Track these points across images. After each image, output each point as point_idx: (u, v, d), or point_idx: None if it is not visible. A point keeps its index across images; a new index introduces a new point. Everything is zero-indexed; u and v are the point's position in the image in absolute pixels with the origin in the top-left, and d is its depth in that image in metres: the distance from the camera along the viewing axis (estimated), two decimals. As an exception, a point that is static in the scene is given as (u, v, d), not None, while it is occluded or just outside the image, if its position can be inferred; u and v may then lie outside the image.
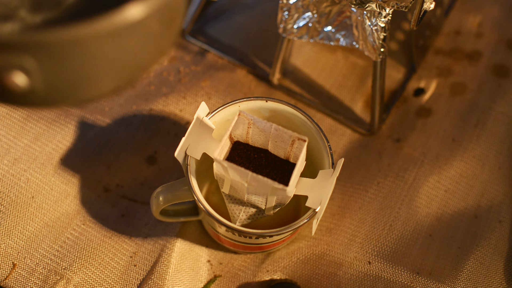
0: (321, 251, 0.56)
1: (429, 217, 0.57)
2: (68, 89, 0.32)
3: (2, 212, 0.55)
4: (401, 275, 0.55)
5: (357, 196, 0.59)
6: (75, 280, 0.53)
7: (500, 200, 0.58)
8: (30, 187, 0.56)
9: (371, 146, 0.61)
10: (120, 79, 0.33)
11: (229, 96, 0.63)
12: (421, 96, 0.64)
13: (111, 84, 0.33)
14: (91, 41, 0.29)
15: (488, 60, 0.66)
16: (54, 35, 0.28)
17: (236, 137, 0.48)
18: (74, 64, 0.30)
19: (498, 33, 0.68)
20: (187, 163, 0.48)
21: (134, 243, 0.56)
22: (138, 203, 0.58)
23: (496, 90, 0.64)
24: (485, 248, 0.56)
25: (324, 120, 0.63)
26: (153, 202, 0.50)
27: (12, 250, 0.54)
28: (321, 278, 0.55)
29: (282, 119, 0.52)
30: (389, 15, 0.51)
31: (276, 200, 0.46)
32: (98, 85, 0.32)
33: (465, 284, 0.54)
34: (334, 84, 0.65)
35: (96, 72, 0.32)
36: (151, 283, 0.54)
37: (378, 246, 0.56)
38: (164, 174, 0.59)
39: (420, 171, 0.59)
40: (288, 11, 0.56)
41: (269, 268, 0.56)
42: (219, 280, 0.56)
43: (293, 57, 0.66)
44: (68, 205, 0.57)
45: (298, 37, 0.58)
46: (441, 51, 0.67)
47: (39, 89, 0.31)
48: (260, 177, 0.43)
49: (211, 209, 0.47)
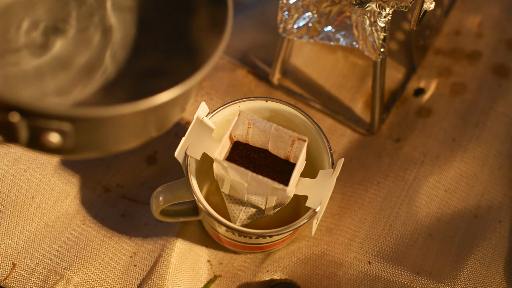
0: (321, 251, 0.56)
1: (429, 217, 0.57)
2: (95, 147, 0.36)
3: (2, 212, 0.55)
4: (401, 275, 0.55)
5: (357, 196, 0.59)
6: (75, 280, 0.53)
7: (500, 200, 0.58)
8: (30, 187, 0.56)
9: (371, 146, 0.61)
10: (143, 139, 0.38)
11: (229, 96, 0.63)
12: (421, 96, 0.64)
13: (135, 143, 0.38)
14: (127, 116, 0.34)
15: (488, 60, 0.66)
16: (100, 112, 0.32)
17: (236, 137, 0.48)
18: (106, 130, 0.35)
19: (498, 33, 0.68)
20: (187, 163, 0.48)
21: (134, 243, 0.56)
22: (138, 203, 0.58)
23: (496, 90, 0.64)
24: (485, 248, 0.56)
25: (324, 120, 0.63)
26: (153, 202, 0.50)
27: (12, 250, 0.54)
28: (321, 278, 0.55)
29: (282, 119, 0.52)
30: (389, 15, 0.51)
31: (276, 200, 0.46)
32: (123, 145, 0.37)
33: (465, 284, 0.54)
34: (334, 84, 0.65)
35: (124, 135, 0.36)
36: (151, 283, 0.54)
37: (378, 246, 0.56)
38: (164, 174, 0.59)
39: (420, 171, 0.59)
40: (288, 11, 0.56)
41: (269, 268, 0.56)
42: (219, 280, 0.56)
43: (293, 57, 0.66)
44: (68, 205, 0.57)
45: (298, 37, 0.58)
46: (441, 51, 0.67)
47: (69, 146, 0.34)
48: (260, 177, 0.43)
49: (211, 209, 0.47)
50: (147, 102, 0.33)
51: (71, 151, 0.36)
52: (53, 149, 0.34)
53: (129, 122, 0.35)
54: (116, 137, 0.36)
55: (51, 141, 0.33)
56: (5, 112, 0.32)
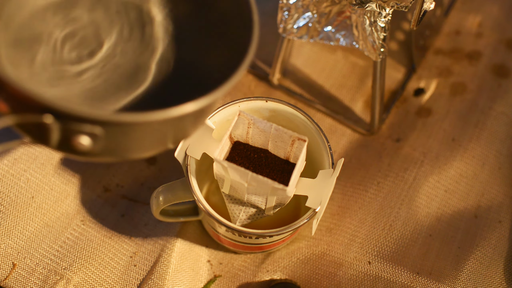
0: (321, 251, 0.56)
1: (429, 217, 0.57)
2: (120, 152, 0.38)
3: (2, 212, 0.55)
4: (401, 275, 0.55)
5: (357, 196, 0.59)
6: (75, 280, 0.53)
7: (500, 200, 0.58)
8: (30, 187, 0.56)
9: (371, 146, 0.61)
10: (163, 147, 0.39)
11: (229, 96, 0.63)
12: (421, 96, 0.64)
13: (153, 152, 0.39)
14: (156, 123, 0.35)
15: (488, 60, 0.66)
16: (134, 118, 0.34)
17: (236, 137, 0.48)
18: (134, 136, 0.36)
19: (498, 33, 0.68)
20: (187, 163, 0.48)
21: (134, 243, 0.56)
22: (138, 203, 0.58)
23: (496, 90, 0.64)
24: (485, 248, 0.56)
25: (324, 120, 0.63)
26: (153, 202, 0.50)
27: (12, 250, 0.54)
28: (321, 278, 0.55)
29: (282, 119, 0.52)
30: (389, 15, 0.51)
31: (276, 200, 0.46)
32: (143, 152, 0.39)
33: (465, 284, 0.54)
34: (334, 84, 0.65)
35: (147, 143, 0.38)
36: (151, 283, 0.54)
37: (378, 246, 0.56)
38: (164, 174, 0.59)
39: (420, 171, 0.59)
40: (288, 11, 0.56)
41: (269, 268, 0.56)
42: (219, 280, 0.56)
43: (293, 57, 0.66)
44: (68, 205, 0.57)
45: (298, 37, 0.58)
46: (441, 51, 0.67)
47: (97, 150, 0.35)
48: (260, 177, 0.43)
49: (211, 209, 0.47)
50: (176, 110, 0.34)
51: (97, 155, 0.36)
52: (82, 152, 0.35)
53: (156, 130, 0.37)
54: (140, 144, 0.38)
55: (82, 144, 0.34)
56: (39, 114, 0.32)
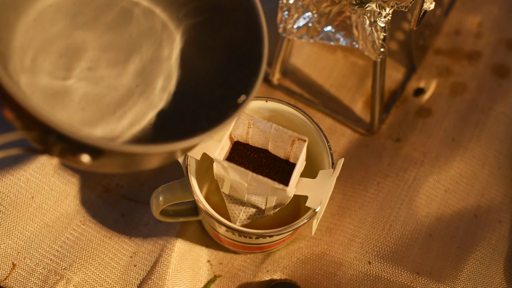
0: (321, 251, 0.56)
1: (429, 217, 0.57)
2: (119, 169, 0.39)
3: (2, 212, 0.55)
4: (401, 275, 0.55)
5: (357, 196, 0.59)
6: (75, 280, 0.53)
7: (500, 200, 0.58)
8: (30, 187, 0.56)
9: (371, 146, 0.61)
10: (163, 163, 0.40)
11: (229, 96, 0.63)
12: (421, 96, 0.64)
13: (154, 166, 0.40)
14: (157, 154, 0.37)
15: (488, 60, 0.66)
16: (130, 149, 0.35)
17: (236, 137, 0.48)
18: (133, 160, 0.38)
19: (498, 33, 0.68)
20: (187, 163, 0.48)
21: (134, 243, 0.56)
22: (138, 203, 0.58)
23: (496, 90, 0.64)
24: (485, 248, 0.56)
25: (324, 120, 0.63)
26: (153, 202, 0.50)
27: (12, 250, 0.54)
28: (321, 278, 0.55)
29: (282, 119, 0.52)
30: (389, 15, 0.51)
31: (276, 200, 0.46)
32: (144, 168, 0.40)
33: (465, 284, 0.54)
34: (334, 84, 0.65)
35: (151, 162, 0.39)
36: (151, 283, 0.54)
37: (378, 246, 0.56)
38: (164, 174, 0.59)
39: (420, 171, 0.59)
40: (288, 11, 0.56)
41: (269, 268, 0.56)
42: (219, 280, 0.56)
43: (293, 57, 0.66)
44: (68, 205, 0.57)
45: (298, 37, 0.58)
46: (441, 51, 0.67)
47: (97, 165, 0.37)
48: (260, 177, 0.43)
49: (211, 209, 0.47)
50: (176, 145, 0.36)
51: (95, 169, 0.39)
52: (83, 165, 0.36)
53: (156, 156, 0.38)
54: (140, 164, 0.39)
55: (82, 161, 0.35)
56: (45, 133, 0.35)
